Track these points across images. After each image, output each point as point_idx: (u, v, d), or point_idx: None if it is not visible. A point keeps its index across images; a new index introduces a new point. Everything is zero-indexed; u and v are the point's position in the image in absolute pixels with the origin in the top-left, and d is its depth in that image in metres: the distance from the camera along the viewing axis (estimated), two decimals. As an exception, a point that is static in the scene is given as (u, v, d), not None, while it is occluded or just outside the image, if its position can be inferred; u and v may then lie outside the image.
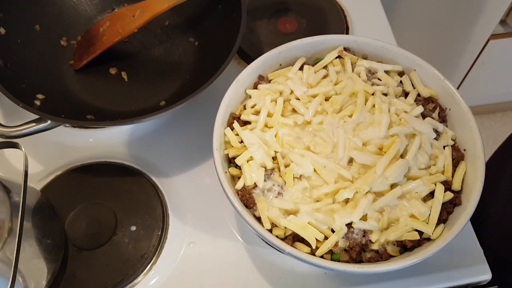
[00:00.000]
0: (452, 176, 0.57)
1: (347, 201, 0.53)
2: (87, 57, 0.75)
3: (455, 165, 0.58)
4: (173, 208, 0.66)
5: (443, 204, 0.54)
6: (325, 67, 0.64)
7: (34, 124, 0.61)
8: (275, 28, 0.83)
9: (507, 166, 0.78)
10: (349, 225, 0.53)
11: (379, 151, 0.56)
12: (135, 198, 0.66)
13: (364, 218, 0.52)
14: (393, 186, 0.54)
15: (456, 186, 0.56)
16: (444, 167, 0.57)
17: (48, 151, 0.71)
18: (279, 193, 0.55)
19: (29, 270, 0.56)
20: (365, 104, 0.59)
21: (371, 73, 0.64)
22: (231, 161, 0.58)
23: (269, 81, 0.64)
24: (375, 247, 0.53)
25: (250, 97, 0.62)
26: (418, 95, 0.62)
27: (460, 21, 1.26)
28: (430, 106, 0.62)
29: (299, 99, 0.60)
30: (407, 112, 0.59)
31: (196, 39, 0.79)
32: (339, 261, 0.52)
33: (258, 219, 0.54)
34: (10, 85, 0.63)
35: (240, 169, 0.56)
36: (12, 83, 0.65)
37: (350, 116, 0.59)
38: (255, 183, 0.55)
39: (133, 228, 0.63)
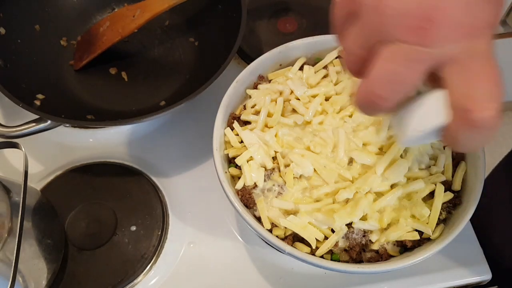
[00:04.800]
0: (452, 176, 0.57)
1: (347, 201, 0.53)
2: (87, 57, 0.75)
3: (455, 165, 0.58)
4: (173, 208, 0.66)
5: (443, 204, 0.54)
6: (325, 67, 0.64)
7: (34, 124, 0.61)
8: (275, 28, 0.83)
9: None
10: (349, 225, 0.53)
11: (379, 151, 0.56)
12: (135, 198, 0.66)
13: (364, 218, 0.52)
14: (393, 186, 0.54)
15: (456, 186, 0.56)
16: (444, 167, 0.57)
17: (48, 151, 0.71)
18: (279, 193, 0.55)
19: (29, 270, 0.56)
20: (365, 104, 0.59)
21: (371, 73, 0.64)
22: (231, 161, 0.58)
23: (269, 81, 0.64)
24: (375, 247, 0.53)
25: (250, 97, 0.62)
26: (418, 95, 0.62)
27: (460, 21, 1.26)
28: (430, 106, 0.62)
29: (299, 99, 0.60)
30: (407, 112, 0.59)
31: (196, 39, 0.79)
32: (339, 261, 0.52)
33: (258, 219, 0.54)
34: (10, 85, 0.63)
35: (240, 169, 0.56)
36: (12, 83, 0.65)
37: (350, 116, 0.59)
38: (255, 183, 0.55)
39: (133, 228, 0.63)
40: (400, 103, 0.39)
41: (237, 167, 0.57)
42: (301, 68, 0.64)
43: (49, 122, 0.61)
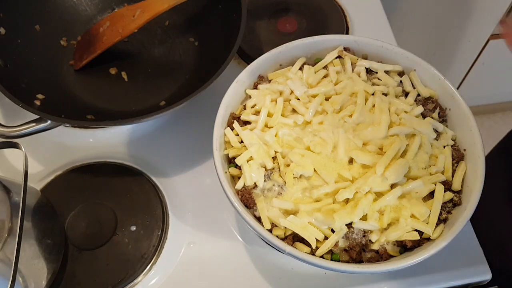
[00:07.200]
0: (452, 176, 0.57)
1: (347, 201, 0.53)
2: (87, 57, 0.75)
3: (455, 165, 0.58)
4: (173, 208, 0.66)
5: (443, 204, 0.54)
6: (325, 67, 0.64)
7: (34, 124, 0.61)
8: (275, 28, 0.83)
9: (501, 166, 0.77)
10: (349, 225, 0.53)
11: (379, 151, 0.56)
12: (135, 198, 0.66)
13: (364, 218, 0.52)
14: (393, 186, 0.54)
15: (456, 186, 0.56)
16: (444, 167, 0.57)
17: (48, 151, 0.71)
18: (279, 193, 0.55)
19: (29, 270, 0.56)
20: (365, 104, 0.59)
21: (371, 73, 0.64)
22: (231, 161, 0.58)
23: (269, 81, 0.64)
24: (375, 247, 0.53)
25: (250, 97, 0.62)
26: (418, 95, 0.62)
27: (460, 21, 1.26)
28: (430, 106, 0.62)
29: (299, 99, 0.60)
30: (407, 112, 0.59)
31: (196, 39, 0.79)
32: (339, 261, 0.52)
33: (258, 219, 0.54)
34: (10, 85, 0.63)
35: (240, 169, 0.56)
36: (12, 83, 0.65)
37: (350, 116, 0.59)
38: (255, 183, 0.55)
39: (133, 228, 0.63)
40: None
41: (237, 167, 0.57)
42: (301, 68, 0.64)
43: (49, 122, 0.61)
